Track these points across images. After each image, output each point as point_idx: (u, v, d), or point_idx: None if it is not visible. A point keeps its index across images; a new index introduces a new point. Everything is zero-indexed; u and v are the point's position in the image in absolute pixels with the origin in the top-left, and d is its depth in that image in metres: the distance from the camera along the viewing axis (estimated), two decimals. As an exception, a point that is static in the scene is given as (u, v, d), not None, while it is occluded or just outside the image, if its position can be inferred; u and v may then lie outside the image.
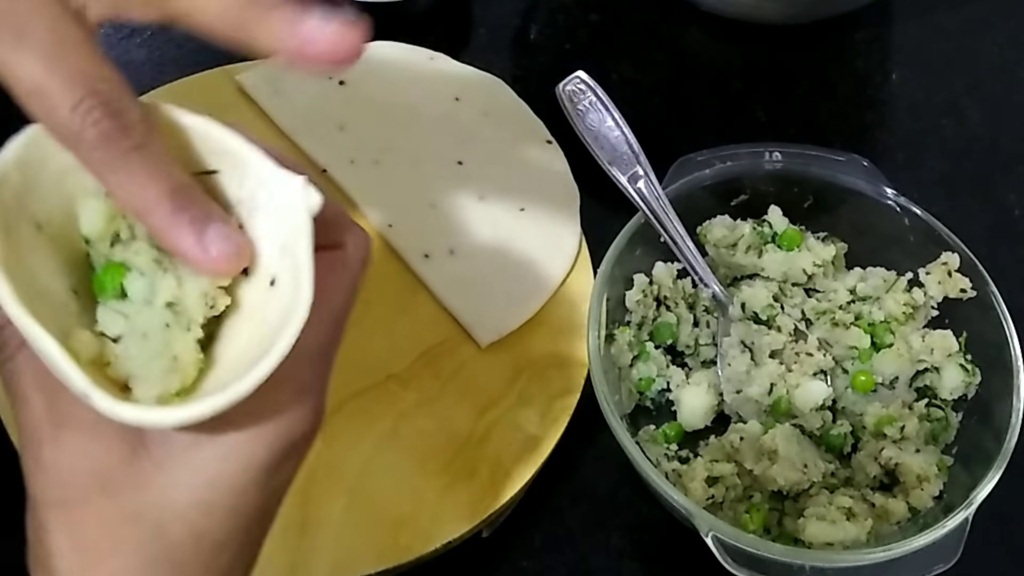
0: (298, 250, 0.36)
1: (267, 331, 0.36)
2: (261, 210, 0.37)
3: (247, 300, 0.38)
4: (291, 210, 0.36)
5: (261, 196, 0.37)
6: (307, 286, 0.35)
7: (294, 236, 0.36)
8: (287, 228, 0.36)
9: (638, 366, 0.64)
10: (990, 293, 0.63)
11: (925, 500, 0.60)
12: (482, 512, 0.59)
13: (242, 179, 0.38)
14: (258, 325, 0.37)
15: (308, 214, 0.36)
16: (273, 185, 0.37)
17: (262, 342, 0.36)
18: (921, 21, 0.84)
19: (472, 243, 0.67)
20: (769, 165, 0.67)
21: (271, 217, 0.37)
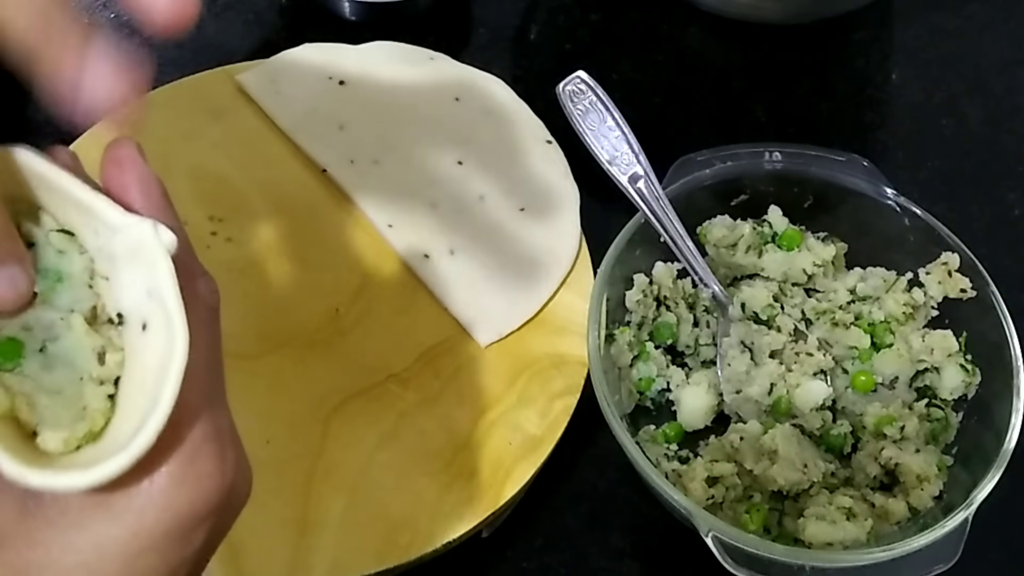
0: (164, 292, 0.36)
1: (149, 380, 0.36)
2: (119, 257, 0.37)
3: (128, 347, 0.38)
4: (148, 253, 0.36)
5: (116, 244, 0.37)
6: (181, 328, 0.35)
7: (156, 279, 0.36)
8: (148, 272, 0.36)
9: (638, 366, 0.64)
10: (990, 293, 0.63)
11: (925, 500, 0.60)
12: (482, 512, 0.59)
13: (96, 228, 0.37)
14: (140, 373, 0.37)
15: (166, 255, 0.36)
16: (126, 231, 0.37)
17: (147, 392, 0.35)
18: (921, 21, 0.84)
19: (472, 243, 0.67)
20: (769, 165, 0.67)
21: (130, 262, 0.37)
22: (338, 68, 0.73)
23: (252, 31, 0.79)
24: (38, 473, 0.34)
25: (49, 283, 0.38)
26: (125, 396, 0.37)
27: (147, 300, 0.36)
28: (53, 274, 0.38)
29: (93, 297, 0.38)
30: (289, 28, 0.79)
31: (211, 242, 0.66)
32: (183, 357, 0.35)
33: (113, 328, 0.38)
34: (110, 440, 0.36)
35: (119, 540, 0.35)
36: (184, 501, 0.35)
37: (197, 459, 0.36)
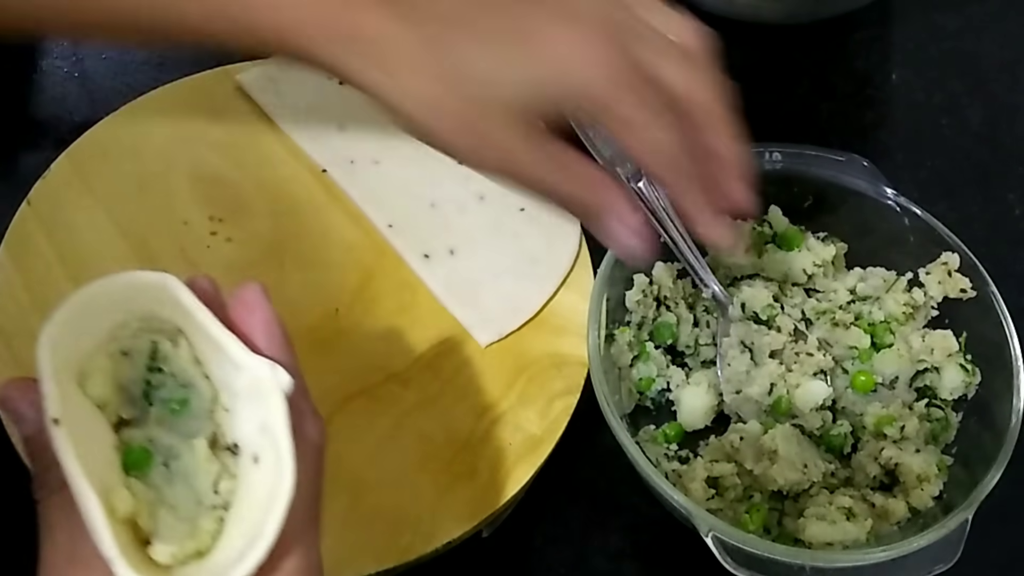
0: (276, 430, 0.39)
1: (255, 509, 0.39)
2: (240, 392, 0.41)
3: (240, 475, 0.41)
4: (265, 392, 0.39)
5: (239, 380, 0.40)
6: (289, 468, 0.38)
7: (271, 416, 0.39)
8: (263, 409, 0.39)
9: (638, 366, 0.64)
10: (990, 293, 0.63)
11: (925, 500, 0.60)
12: (482, 512, 0.59)
13: (223, 362, 0.41)
14: (247, 502, 0.40)
15: (281, 396, 0.39)
16: (249, 370, 0.40)
17: (251, 522, 0.39)
18: (921, 21, 0.84)
19: (472, 243, 0.67)
20: (769, 165, 0.67)
21: (249, 398, 0.40)
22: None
23: (252, 31, 0.79)
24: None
25: (175, 407, 0.41)
26: (232, 521, 0.40)
27: (260, 435, 0.40)
28: (180, 399, 0.41)
29: (212, 425, 0.41)
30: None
31: (211, 242, 0.66)
32: (288, 496, 0.38)
33: (229, 456, 0.41)
34: (213, 562, 0.39)
35: None
36: None
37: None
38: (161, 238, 0.66)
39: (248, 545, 0.38)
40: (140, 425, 0.41)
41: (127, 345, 0.42)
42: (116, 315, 0.41)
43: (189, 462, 0.40)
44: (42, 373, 0.39)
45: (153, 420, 0.41)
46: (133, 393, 0.42)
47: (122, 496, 0.39)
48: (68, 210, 0.66)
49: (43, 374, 0.39)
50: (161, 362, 0.42)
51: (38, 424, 0.39)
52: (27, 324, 0.62)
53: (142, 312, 0.41)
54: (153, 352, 0.42)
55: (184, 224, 0.67)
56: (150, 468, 0.40)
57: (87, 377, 0.41)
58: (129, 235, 0.66)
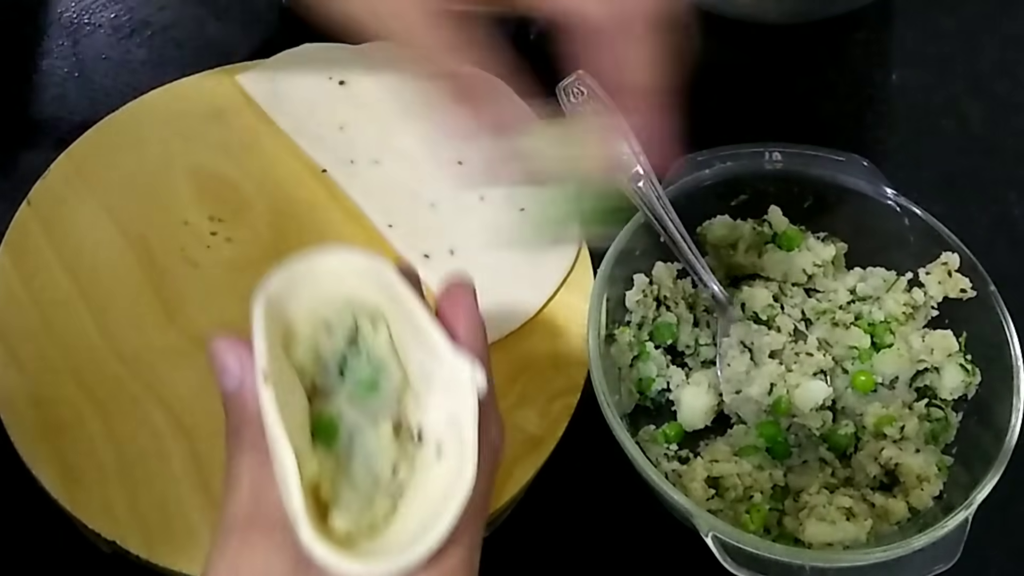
0: (465, 427, 0.39)
1: (432, 499, 0.39)
2: (435, 382, 0.41)
3: (419, 463, 0.41)
4: (460, 387, 0.40)
5: (437, 371, 0.41)
6: (471, 465, 0.39)
7: (462, 412, 0.40)
8: (455, 402, 0.40)
9: (638, 366, 0.64)
10: (990, 293, 0.63)
11: (925, 500, 0.60)
12: (482, 512, 0.59)
13: (423, 350, 0.41)
14: (423, 491, 0.40)
15: (475, 395, 0.40)
16: (449, 363, 0.41)
17: (426, 510, 0.39)
18: (921, 21, 0.84)
19: (472, 243, 0.67)
20: (769, 165, 0.67)
21: (443, 390, 0.41)
22: (338, 68, 0.73)
23: (252, 31, 0.79)
24: (323, 547, 0.37)
25: (364, 387, 0.42)
26: (406, 507, 0.40)
27: (447, 427, 0.40)
28: (371, 380, 0.42)
29: (398, 410, 0.42)
30: (289, 28, 0.79)
31: (211, 242, 0.66)
32: (466, 493, 0.39)
33: (411, 442, 0.41)
34: (385, 542, 0.40)
35: None
36: None
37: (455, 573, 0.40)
38: (161, 238, 0.66)
39: (421, 533, 0.38)
40: (330, 398, 0.42)
41: (331, 318, 0.42)
42: (327, 288, 0.42)
43: (372, 441, 0.41)
44: (256, 330, 0.40)
45: (344, 395, 0.42)
46: (329, 365, 0.42)
47: (311, 461, 0.39)
48: (68, 210, 0.66)
49: (257, 331, 0.40)
50: (360, 341, 0.42)
51: (239, 380, 0.41)
52: (27, 324, 0.62)
53: (351, 289, 0.42)
54: (354, 329, 0.42)
55: (184, 224, 0.67)
56: (336, 440, 0.41)
57: (291, 342, 0.42)
58: (129, 235, 0.66)
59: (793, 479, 0.62)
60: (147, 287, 0.64)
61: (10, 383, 0.60)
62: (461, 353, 0.41)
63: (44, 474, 0.57)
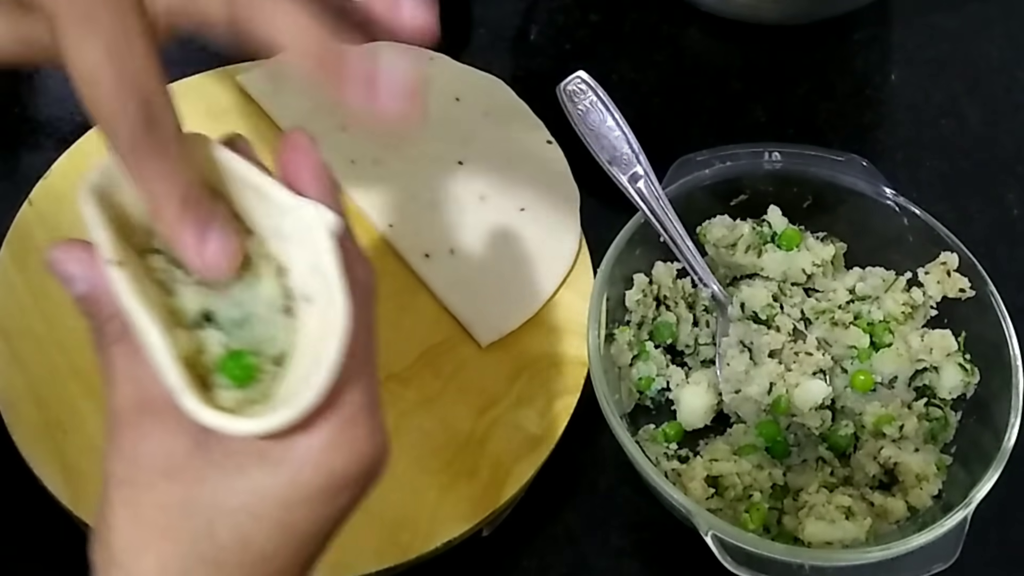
0: (326, 268, 0.38)
1: (313, 348, 0.38)
2: (288, 237, 0.40)
3: (296, 324, 0.40)
4: (313, 232, 0.39)
5: (286, 224, 0.40)
6: (341, 296, 0.38)
7: (320, 255, 0.39)
8: (313, 250, 0.39)
9: (638, 366, 0.64)
10: (989, 293, 0.63)
11: (924, 499, 0.60)
12: (482, 511, 0.59)
13: (269, 211, 0.40)
14: (304, 344, 0.39)
15: (328, 233, 0.39)
16: (294, 213, 0.39)
17: (309, 358, 0.38)
18: (921, 21, 0.84)
19: (472, 243, 0.67)
20: (769, 165, 0.67)
21: (297, 242, 0.40)
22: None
23: (253, 31, 0.79)
24: (212, 412, 0.36)
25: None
26: (291, 366, 0.39)
27: (311, 276, 0.39)
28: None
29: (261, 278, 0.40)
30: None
31: (212, 242, 0.66)
32: (344, 324, 0.37)
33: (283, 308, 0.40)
34: (276, 401, 0.38)
35: (277, 488, 0.37)
36: (338, 462, 0.38)
37: (353, 425, 0.39)
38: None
39: (308, 380, 0.37)
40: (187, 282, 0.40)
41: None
42: None
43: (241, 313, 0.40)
44: (90, 223, 0.39)
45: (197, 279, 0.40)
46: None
47: (180, 337, 0.38)
48: (69, 210, 0.66)
49: (91, 224, 0.39)
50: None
51: (89, 281, 0.40)
52: (28, 323, 0.62)
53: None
54: None
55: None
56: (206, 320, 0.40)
57: (129, 231, 0.41)
58: (130, 235, 0.66)
59: (792, 478, 0.62)
60: (148, 287, 0.64)
61: (12, 382, 0.60)
62: (303, 199, 0.39)
63: (45, 473, 0.57)
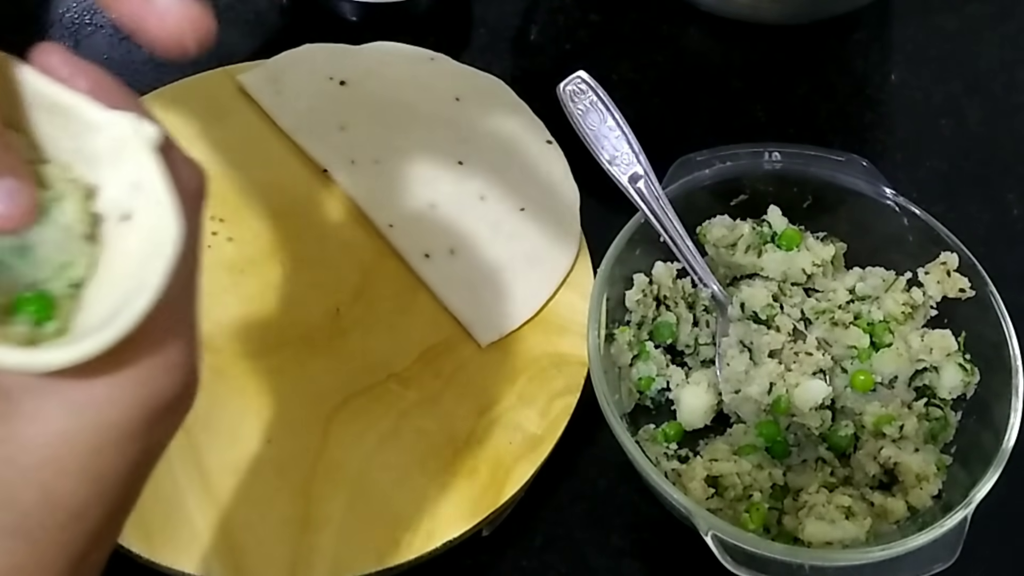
0: (151, 182, 0.35)
1: (132, 267, 0.35)
2: (100, 155, 0.36)
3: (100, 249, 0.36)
4: (131, 147, 0.35)
5: (99, 141, 0.36)
6: (171, 214, 0.34)
7: (142, 172, 0.35)
8: (131, 166, 0.35)
9: (638, 366, 0.64)
10: (989, 293, 0.63)
11: (924, 499, 0.60)
12: (482, 511, 0.59)
13: (75, 131, 0.36)
14: (119, 265, 0.35)
15: (149, 146, 0.35)
16: (107, 129, 0.36)
17: (129, 279, 0.34)
18: (921, 21, 0.84)
19: (472, 243, 0.67)
20: (769, 165, 0.67)
21: (113, 159, 0.36)
22: (339, 68, 0.73)
23: (253, 32, 0.79)
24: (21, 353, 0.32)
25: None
26: (99, 289, 0.36)
27: (131, 193, 0.35)
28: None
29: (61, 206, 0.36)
30: (290, 29, 0.79)
31: (212, 242, 0.66)
32: (175, 244, 0.34)
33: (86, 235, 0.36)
34: (75, 336, 0.34)
35: (83, 434, 0.34)
36: (151, 393, 0.34)
37: (164, 349, 0.35)
38: (162, 238, 0.66)
39: (124, 303, 0.33)
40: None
41: None
42: None
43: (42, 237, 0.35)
44: None
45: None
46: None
47: None
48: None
49: None
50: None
51: None
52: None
53: None
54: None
55: (185, 224, 0.67)
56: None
57: None
58: (130, 235, 0.66)
59: (792, 478, 0.62)
60: (148, 287, 0.64)
61: (11, 383, 0.60)
62: (117, 113, 0.35)
63: (45, 473, 0.57)
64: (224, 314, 0.64)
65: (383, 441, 0.61)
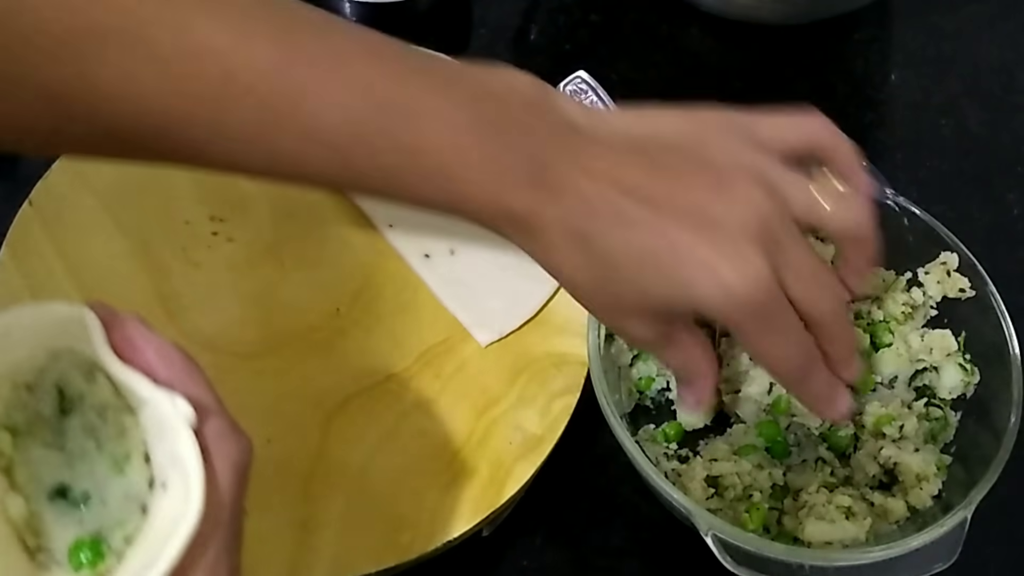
0: (185, 460, 0.38)
1: (158, 536, 0.38)
2: (150, 426, 0.40)
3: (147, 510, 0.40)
4: (170, 424, 0.39)
5: (146, 415, 0.40)
6: (197, 498, 0.37)
7: (179, 447, 0.38)
8: (173, 439, 0.39)
9: (638, 365, 0.64)
10: (989, 293, 0.63)
11: (924, 499, 0.60)
12: (482, 511, 0.59)
13: (135, 401, 0.40)
14: (152, 529, 0.39)
15: (185, 424, 0.38)
16: (154, 403, 0.39)
17: (152, 548, 0.38)
18: (921, 21, 0.84)
19: (472, 243, 0.67)
20: (769, 165, 0.67)
21: (159, 431, 0.40)
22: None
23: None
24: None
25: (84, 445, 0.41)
26: (134, 549, 0.39)
27: (171, 464, 0.39)
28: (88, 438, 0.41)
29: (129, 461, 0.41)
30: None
31: (212, 242, 0.67)
32: (191, 530, 0.37)
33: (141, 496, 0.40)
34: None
35: None
36: None
37: None
38: (163, 238, 0.66)
39: (144, 570, 0.37)
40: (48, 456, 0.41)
41: (31, 379, 0.41)
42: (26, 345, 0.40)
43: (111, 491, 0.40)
44: None
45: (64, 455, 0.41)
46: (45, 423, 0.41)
47: (13, 501, 0.39)
48: (70, 210, 0.66)
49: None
50: (74, 399, 0.41)
51: None
52: (28, 324, 0.62)
53: (55, 342, 0.40)
54: (60, 391, 0.41)
55: (186, 224, 0.67)
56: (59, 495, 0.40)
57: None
58: (130, 235, 0.66)
59: (792, 478, 0.62)
60: (148, 287, 0.64)
61: (11, 383, 0.60)
62: (159, 391, 0.39)
63: (45, 473, 0.57)
64: (224, 314, 0.64)
65: (383, 441, 0.61)
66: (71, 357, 0.41)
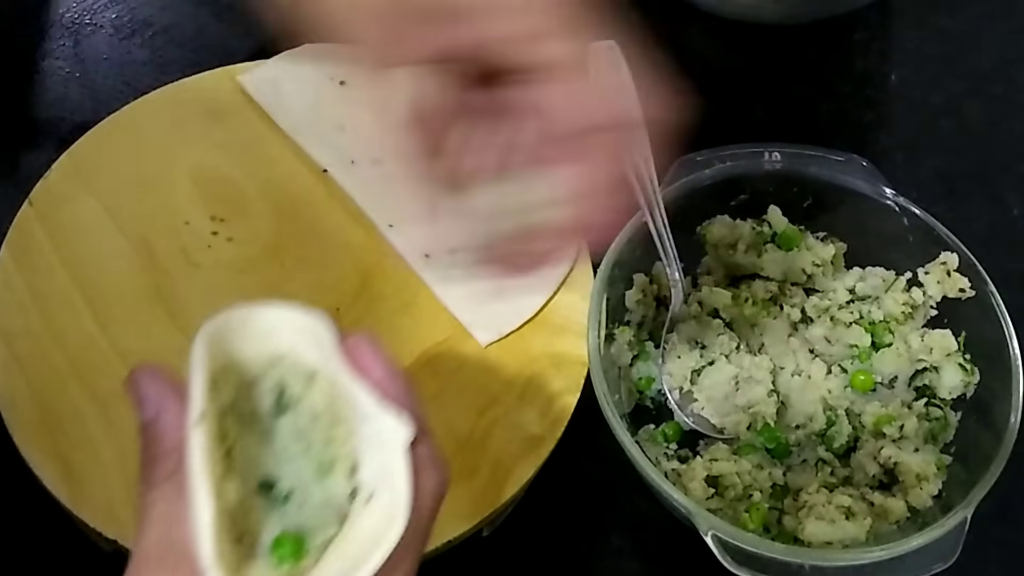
0: (396, 480, 0.40)
1: (357, 546, 0.39)
2: (366, 436, 0.41)
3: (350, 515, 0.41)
4: (388, 440, 0.40)
5: (367, 426, 0.41)
6: (402, 518, 0.39)
7: (392, 465, 0.40)
8: (385, 455, 0.40)
9: (638, 365, 0.64)
10: (989, 293, 0.63)
11: (924, 499, 0.60)
12: (483, 511, 0.59)
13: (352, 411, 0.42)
14: (351, 537, 0.40)
15: (404, 445, 0.40)
16: (375, 418, 0.41)
17: (351, 556, 0.39)
18: (921, 21, 0.84)
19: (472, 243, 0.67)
20: (769, 165, 0.67)
21: (375, 445, 0.41)
22: (339, 68, 0.73)
23: (252, 32, 0.79)
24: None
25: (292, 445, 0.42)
26: (332, 551, 0.40)
27: (380, 479, 0.40)
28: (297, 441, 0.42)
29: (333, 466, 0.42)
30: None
31: (212, 242, 0.66)
32: (391, 546, 0.38)
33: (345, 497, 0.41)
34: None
35: None
36: None
37: None
38: (162, 238, 0.66)
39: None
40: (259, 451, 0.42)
41: (258, 373, 0.42)
42: (261, 340, 0.42)
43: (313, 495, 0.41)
44: (196, 370, 0.40)
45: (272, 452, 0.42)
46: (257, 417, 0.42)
47: (229, 488, 0.39)
48: (69, 210, 0.66)
49: (196, 371, 0.40)
50: (290, 402, 0.42)
51: (156, 410, 0.41)
52: (29, 324, 0.62)
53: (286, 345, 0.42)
54: (280, 392, 0.42)
55: (185, 224, 0.67)
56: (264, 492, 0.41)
57: (218, 388, 0.41)
58: (130, 235, 0.66)
59: (792, 478, 0.62)
60: (148, 287, 0.64)
61: (11, 382, 0.60)
62: (384, 409, 0.41)
63: (45, 473, 0.57)
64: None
65: (383, 441, 0.61)
66: (293, 360, 0.42)
